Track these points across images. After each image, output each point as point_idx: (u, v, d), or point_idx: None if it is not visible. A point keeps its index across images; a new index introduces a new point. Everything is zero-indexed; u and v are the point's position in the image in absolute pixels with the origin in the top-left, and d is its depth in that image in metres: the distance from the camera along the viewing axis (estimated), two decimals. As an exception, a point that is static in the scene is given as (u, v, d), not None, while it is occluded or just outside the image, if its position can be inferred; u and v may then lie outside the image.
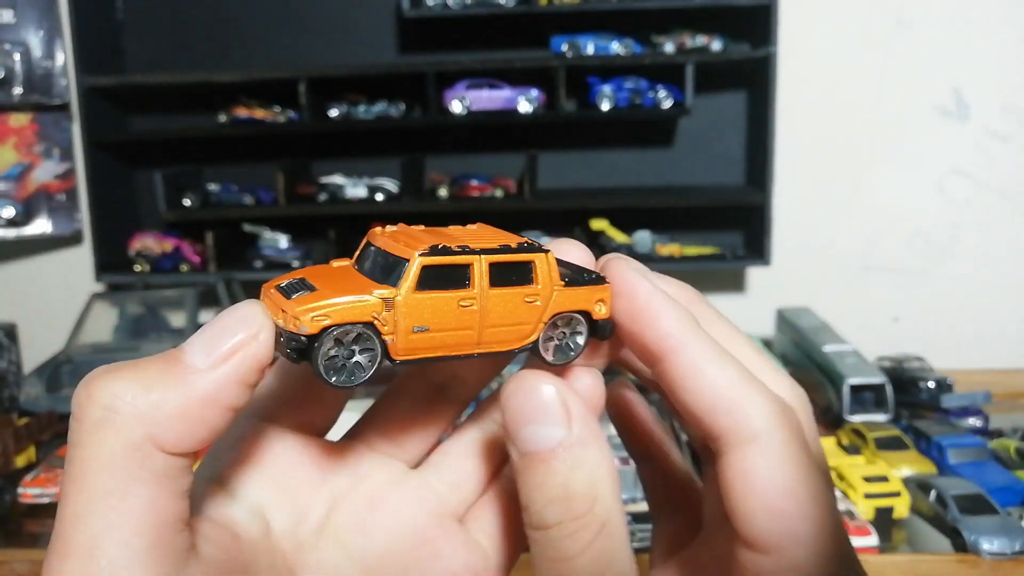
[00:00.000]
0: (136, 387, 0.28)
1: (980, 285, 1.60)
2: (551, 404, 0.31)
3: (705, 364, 0.32)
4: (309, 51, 1.60)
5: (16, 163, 1.59)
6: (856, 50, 1.55)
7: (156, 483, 0.28)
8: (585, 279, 0.35)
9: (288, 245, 1.61)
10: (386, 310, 0.32)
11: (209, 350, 0.29)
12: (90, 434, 0.28)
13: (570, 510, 0.30)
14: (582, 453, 0.31)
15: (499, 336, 0.34)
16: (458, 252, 0.33)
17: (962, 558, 0.87)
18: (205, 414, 0.29)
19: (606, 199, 1.54)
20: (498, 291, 0.33)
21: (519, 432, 0.32)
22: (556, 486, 0.31)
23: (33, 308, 1.64)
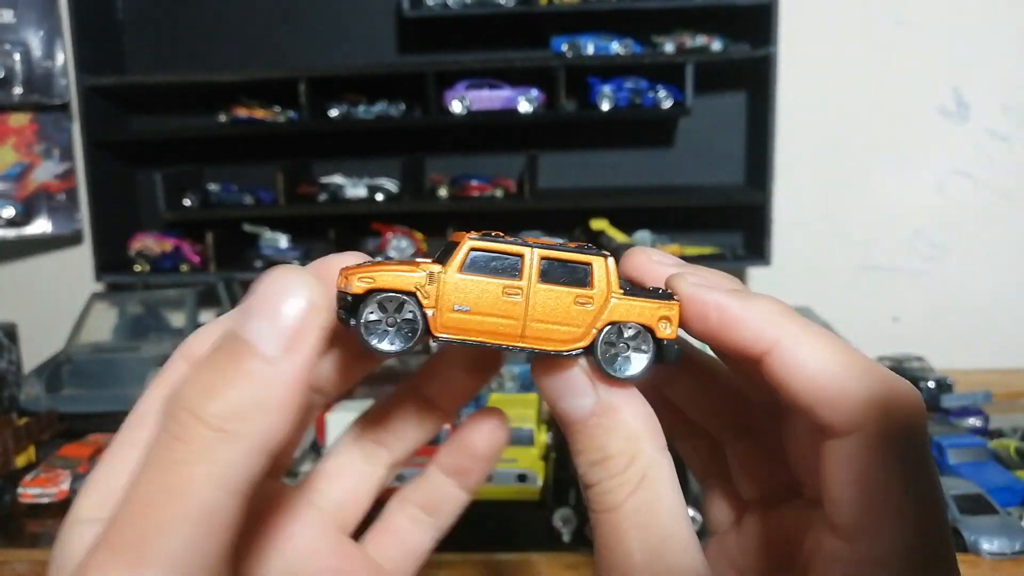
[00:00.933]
0: (248, 407, 0.28)
1: (980, 285, 1.60)
2: (577, 376, 0.34)
3: (803, 356, 0.32)
4: (309, 51, 1.60)
5: (16, 163, 1.59)
6: (856, 50, 1.55)
7: (248, 492, 0.28)
8: (650, 293, 0.35)
9: (288, 245, 1.61)
10: (430, 283, 0.33)
11: (278, 334, 0.28)
12: (203, 452, 0.27)
13: (607, 469, 0.32)
14: (615, 416, 0.33)
15: (545, 333, 0.34)
16: (511, 242, 0.34)
17: (962, 558, 0.87)
18: (294, 402, 0.29)
19: (606, 199, 1.54)
20: (547, 287, 0.34)
21: (556, 407, 0.34)
22: (594, 450, 0.33)
23: (33, 308, 1.64)
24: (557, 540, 0.92)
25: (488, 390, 1.25)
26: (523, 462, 1.01)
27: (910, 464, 0.30)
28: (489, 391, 1.25)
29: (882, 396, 0.31)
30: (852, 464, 0.31)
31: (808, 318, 0.33)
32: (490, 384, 1.26)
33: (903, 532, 0.30)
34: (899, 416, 0.31)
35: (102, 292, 1.54)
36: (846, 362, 0.31)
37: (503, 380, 1.27)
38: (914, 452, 0.31)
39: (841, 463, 0.31)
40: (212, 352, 0.29)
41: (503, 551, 0.90)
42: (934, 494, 0.31)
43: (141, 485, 0.27)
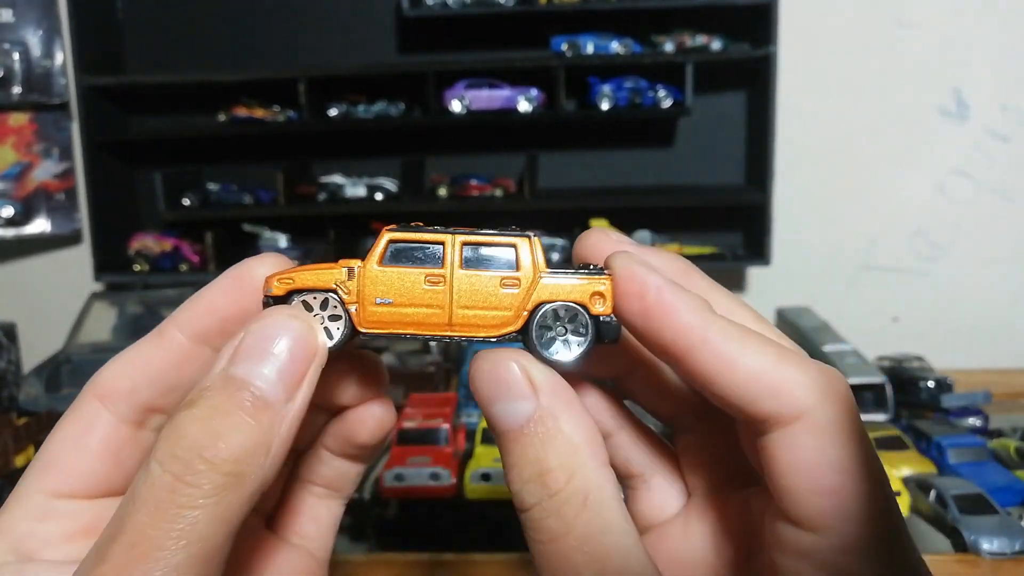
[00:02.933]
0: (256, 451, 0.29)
1: (980, 285, 1.60)
2: (515, 378, 0.31)
3: (734, 352, 0.30)
4: (309, 51, 1.60)
5: (15, 162, 1.59)
6: (856, 50, 1.55)
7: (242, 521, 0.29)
8: (579, 270, 0.34)
9: (288, 245, 1.61)
10: (349, 279, 0.33)
11: (286, 384, 0.30)
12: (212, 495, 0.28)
13: (546, 487, 0.29)
14: (554, 425, 0.30)
15: (474, 320, 0.34)
16: (429, 230, 0.33)
17: (962, 558, 0.87)
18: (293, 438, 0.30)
19: (606, 199, 1.54)
20: (471, 272, 0.33)
21: (490, 411, 0.31)
22: (530, 463, 0.30)
23: (32, 308, 1.64)
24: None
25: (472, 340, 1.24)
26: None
27: (858, 444, 0.30)
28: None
29: (818, 381, 0.30)
30: (802, 452, 0.29)
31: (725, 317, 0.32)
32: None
33: (870, 513, 0.29)
34: (837, 398, 0.30)
35: (101, 292, 1.54)
36: (777, 353, 0.30)
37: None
38: (857, 432, 0.30)
39: (791, 453, 0.29)
40: (214, 394, 0.29)
41: (503, 551, 0.90)
42: (882, 472, 0.30)
43: (142, 526, 0.27)
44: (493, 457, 1.03)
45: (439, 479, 0.99)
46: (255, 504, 0.30)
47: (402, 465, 1.00)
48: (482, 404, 0.32)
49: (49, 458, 0.34)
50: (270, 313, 0.31)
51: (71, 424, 0.34)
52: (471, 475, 0.99)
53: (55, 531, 0.33)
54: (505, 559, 0.89)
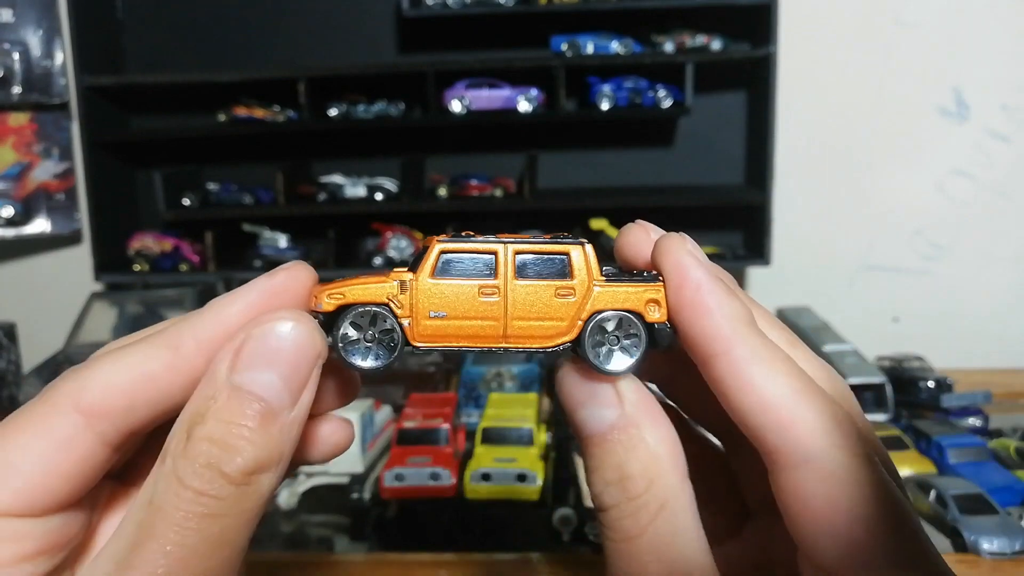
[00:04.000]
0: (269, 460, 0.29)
1: (980, 285, 1.60)
2: (602, 386, 0.31)
3: (753, 374, 0.29)
4: (309, 51, 1.60)
5: (15, 163, 1.59)
6: (856, 50, 1.55)
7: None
8: (634, 276, 0.33)
9: (288, 245, 1.61)
10: (402, 293, 0.32)
11: (291, 390, 0.29)
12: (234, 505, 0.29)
13: (626, 491, 0.30)
14: (637, 434, 0.30)
15: (529, 331, 0.33)
16: (481, 240, 0.32)
17: (962, 558, 0.87)
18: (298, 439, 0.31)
19: (606, 199, 1.54)
20: (525, 283, 0.32)
21: (574, 416, 0.32)
22: (612, 468, 0.30)
23: (33, 308, 1.64)
24: (557, 540, 0.92)
25: (488, 390, 1.25)
26: (523, 462, 1.01)
27: (874, 489, 0.29)
28: (489, 391, 1.25)
29: (831, 426, 0.29)
30: (812, 499, 0.29)
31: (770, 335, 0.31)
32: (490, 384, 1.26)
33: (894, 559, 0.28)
34: (854, 446, 0.29)
35: (101, 292, 1.54)
36: (800, 387, 0.29)
37: (502, 380, 1.27)
38: (874, 477, 0.29)
39: (800, 497, 0.29)
40: (222, 407, 0.29)
41: (503, 551, 0.90)
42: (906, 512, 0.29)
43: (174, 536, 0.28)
44: (493, 457, 1.03)
45: (439, 479, 0.99)
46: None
47: (402, 465, 1.00)
48: (567, 408, 0.32)
49: (5, 474, 0.30)
50: (271, 316, 0.30)
51: (39, 438, 0.30)
52: (471, 475, 0.99)
53: (8, 553, 0.30)
54: (505, 559, 0.89)
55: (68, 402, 0.30)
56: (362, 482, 1.01)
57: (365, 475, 1.03)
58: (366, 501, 1.00)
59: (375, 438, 1.10)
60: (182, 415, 0.30)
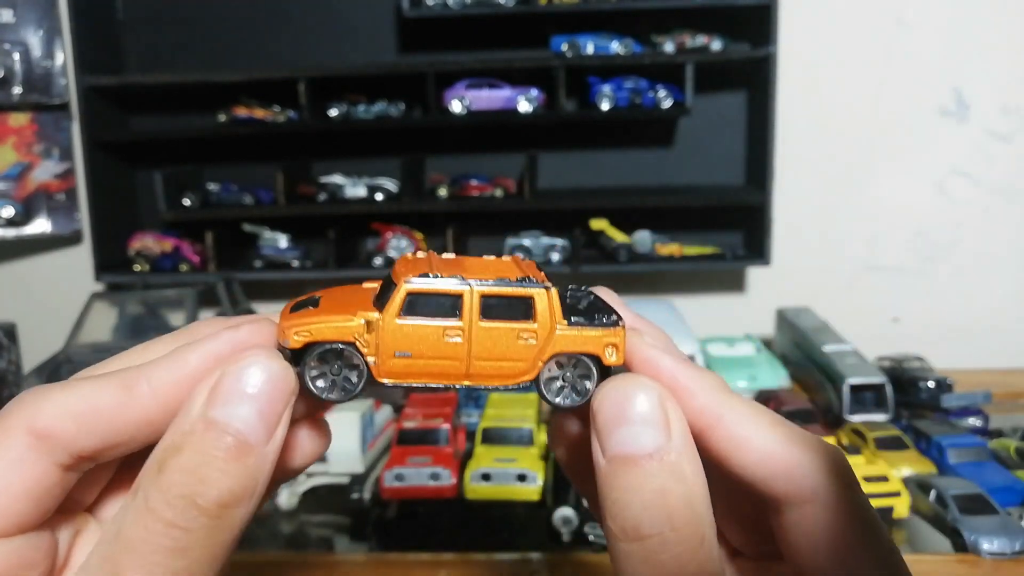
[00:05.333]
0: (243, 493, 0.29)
1: (980, 285, 1.60)
2: (653, 408, 0.31)
3: (748, 433, 0.32)
4: (309, 51, 1.60)
5: (16, 163, 1.59)
6: (856, 50, 1.55)
7: None
8: (595, 321, 0.34)
9: (288, 245, 1.61)
10: (368, 332, 0.32)
11: (266, 424, 0.30)
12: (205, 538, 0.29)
13: (671, 520, 0.29)
14: (681, 464, 0.30)
15: (490, 370, 0.34)
16: (448, 281, 0.33)
17: (962, 558, 0.87)
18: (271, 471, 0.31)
19: (606, 199, 1.54)
20: (489, 324, 0.33)
21: (614, 432, 0.31)
22: (653, 492, 0.29)
23: (33, 308, 1.64)
24: (557, 540, 0.92)
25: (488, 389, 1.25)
26: (523, 462, 1.01)
27: (865, 512, 0.32)
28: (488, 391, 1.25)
29: (823, 461, 0.32)
30: (818, 531, 0.31)
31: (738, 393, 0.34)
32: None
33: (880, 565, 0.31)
34: (841, 475, 0.32)
35: (102, 292, 1.54)
36: (786, 434, 0.32)
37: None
38: (865, 507, 0.32)
39: (806, 531, 0.31)
40: (197, 439, 0.29)
41: (503, 551, 0.90)
42: (891, 541, 0.33)
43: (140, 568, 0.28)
44: (493, 457, 1.03)
45: (439, 479, 0.99)
46: None
47: (402, 465, 1.00)
48: (607, 423, 0.31)
49: None
50: (246, 354, 0.31)
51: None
52: (471, 475, 0.99)
53: None
54: (505, 559, 0.89)
55: (21, 424, 0.31)
56: (362, 482, 1.01)
57: (365, 475, 1.03)
58: (366, 501, 1.00)
59: (375, 438, 1.10)
60: (156, 449, 0.30)
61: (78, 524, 0.35)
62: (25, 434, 0.30)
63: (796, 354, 1.39)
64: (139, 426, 0.31)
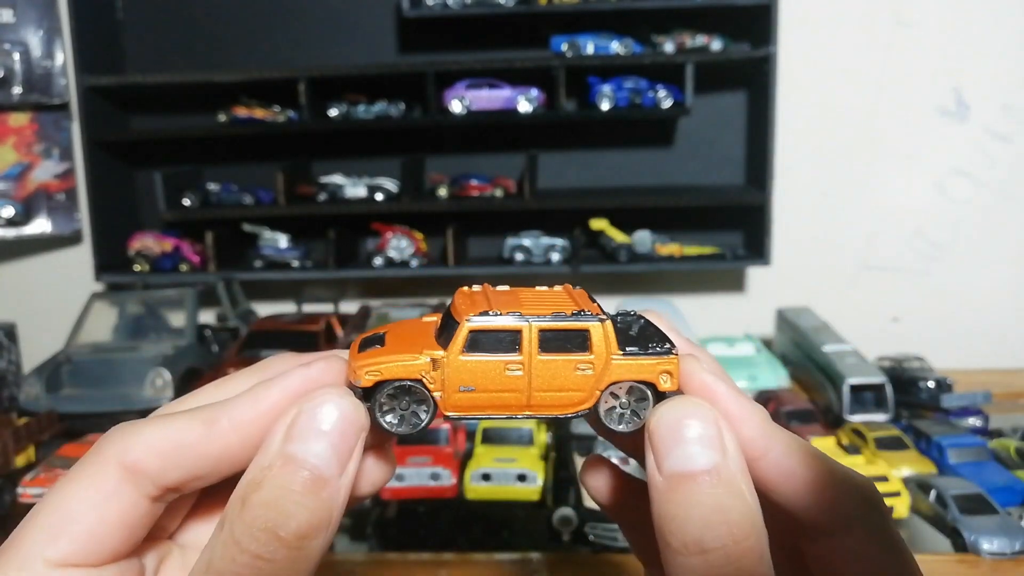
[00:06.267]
0: (320, 524, 0.31)
1: (980, 285, 1.60)
2: (708, 428, 0.32)
3: (793, 465, 0.34)
4: (309, 51, 1.60)
5: (16, 163, 1.59)
6: (856, 50, 1.55)
7: None
8: (649, 350, 0.35)
9: (288, 245, 1.61)
10: (434, 369, 0.34)
11: (339, 458, 0.32)
12: (288, 567, 0.30)
13: (732, 534, 0.30)
14: (738, 481, 0.31)
15: (549, 401, 0.35)
16: (507, 318, 0.34)
17: (962, 558, 0.87)
18: (345, 503, 0.33)
19: (606, 199, 1.54)
20: (548, 358, 0.35)
21: (672, 450, 0.32)
22: (714, 507, 0.31)
23: (33, 308, 1.64)
24: (557, 540, 0.92)
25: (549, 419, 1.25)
26: (523, 462, 1.01)
27: (899, 542, 0.34)
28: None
29: (862, 493, 0.34)
30: (859, 560, 0.33)
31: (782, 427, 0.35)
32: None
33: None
34: (876, 506, 0.34)
35: (102, 292, 1.54)
36: (828, 468, 0.34)
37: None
38: (896, 532, 0.34)
39: (848, 559, 0.33)
40: (277, 474, 0.31)
41: (503, 551, 0.90)
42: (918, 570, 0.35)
43: None
44: (493, 457, 1.03)
45: (439, 479, 0.99)
46: None
47: (402, 465, 1.00)
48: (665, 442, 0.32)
49: (58, 523, 0.32)
50: (320, 393, 0.33)
51: (87, 490, 0.32)
52: (471, 475, 0.99)
53: None
54: (505, 559, 0.89)
55: (114, 458, 0.33)
56: (362, 482, 1.01)
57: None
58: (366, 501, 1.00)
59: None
60: (239, 485, 0.32)
61: (162, 551, 0.37)
62: (117, 468, 0.33)
63: (796, 354, 1.39)
64: (221, 460, 0.34)
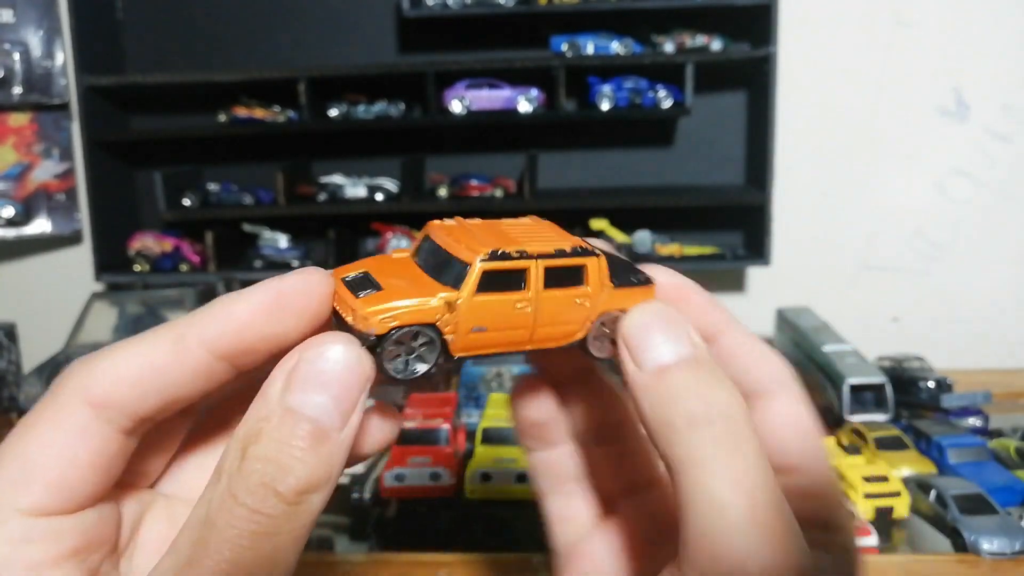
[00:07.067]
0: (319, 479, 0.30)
1: (980, 285, 1.60)
2: (681, 324, 0.34)
3: (748, 342, 0.37)
4: (309, 51, 1.60)
5: (16, 163, 1.59)
6: (856, 50, 1.55)
7: None
8: (632, 281, 0.37)
9: (288, 245, 1.61)
10: (448, 312, 0.33)
11: (341, 411, 0.30)
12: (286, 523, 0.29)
13: (729, 402, 0.32)
14: (716, 373, 0.33)
15: (549, 334, 0.36)
16: (517, 257, 0.35)
17: (962, 558, 0.87)
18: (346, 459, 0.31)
19: (606, 199, 1.54)
20: (551, 293, 0.35)
21: (647, 345, 0.33)
22: (709, 383, 0.32)
23: (33, 308, 1.64)
24: (557, 540, 0.92)
25: (488, 390, 1.25)
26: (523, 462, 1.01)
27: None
28: (489, 391, 1.25)
29: (784, 364, 0.39)
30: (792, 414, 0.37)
31: None
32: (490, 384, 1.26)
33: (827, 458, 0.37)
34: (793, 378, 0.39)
35: (102, 292, 1.54)
36: (762, 343, 0.39)
37: (503, 380, 1.27)
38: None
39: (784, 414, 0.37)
40: (276, 427, 0.29)
41: (503, 551, 0.90)
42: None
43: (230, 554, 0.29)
44: (493, 457, 1.03)
45: (439, 479, 0.99)
46: None
47: (402, 465, 1.00)
48: (639, 339, 0.34)
49: (26, 471, 0.30)
50: (322, 339, 0.31)
51: (53, 432, 0.31)
52: (471, 475, 0.99)
53: (40, 554, 0.30)
54: (505, 559, 0.89)
55: (77, 396, 0.31)
56: (362, 482, 1.01)
57: (365, 475, 1.03)
58: (366, 501, 1.00)
59: (375, 438, 1.10)
60: (235, 434, 0.30)
61: (144, 500, 0.36)
62: (82, 405, 0.31)
63: (796, 354, 1.39)
64: (195, 379, 0.32)
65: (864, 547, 0.89)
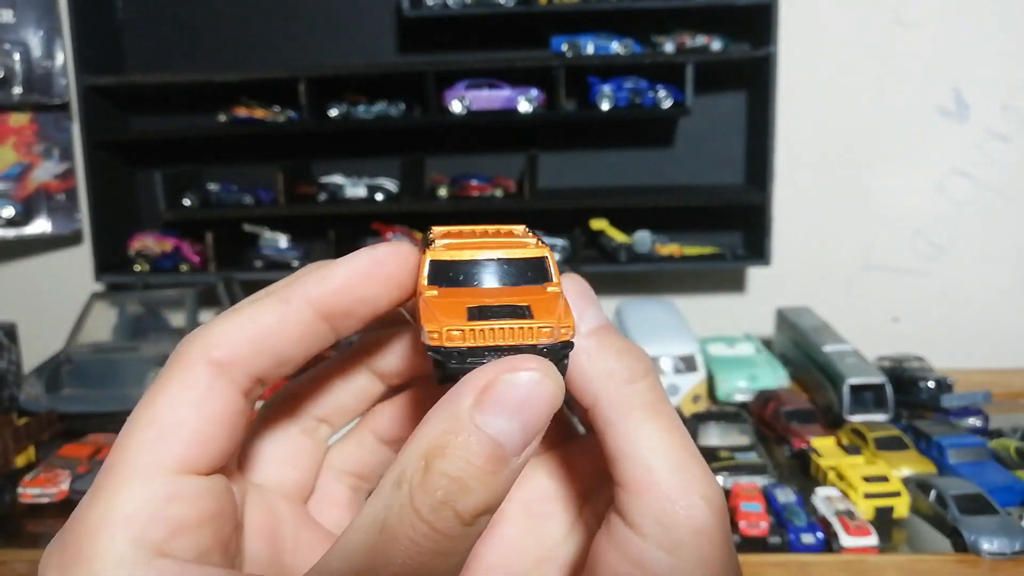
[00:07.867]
0: (494, 505, 0.29)
1: (980, 285, 1.60)
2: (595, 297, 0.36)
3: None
4: (309, 51, 1.60)
5: (16, 163, 1.59)
6: (856, 50, 1.55)
7: None
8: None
9: (288, 245, 1.61)
10: None
11: (525, 439, 0.30)
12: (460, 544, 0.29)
13: (646, 360, 0.34)
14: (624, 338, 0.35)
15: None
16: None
17: (962, 558, 0.87)
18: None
19: (606, 199, 1.54)
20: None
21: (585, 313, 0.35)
22: (628, 344, 0.34)
23: (33, 308, 1.64)
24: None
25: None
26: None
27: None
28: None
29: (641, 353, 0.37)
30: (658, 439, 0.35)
31: None
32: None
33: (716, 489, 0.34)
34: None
35: (102, 292, 1.54)
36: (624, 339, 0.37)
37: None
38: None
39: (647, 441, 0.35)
40: (464, 445, 0.29)
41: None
42: None
43: (410, 567, 0.28)
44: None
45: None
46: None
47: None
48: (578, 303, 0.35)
49: (163, 430, 0.30)
50: (523, 365, 0.30)
51: (183, 390, 0.31)
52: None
53: (183, 516, 0.30)
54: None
55: (201, 357, 0.31)
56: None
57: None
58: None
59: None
60: (417, 442, 0.29)
61: (241, 486, 0.36)
62: (206, 366, 0.31)
63: (796, 354, 1.39)
64: (301, 338, 0.33)
65: (864, 547, 0.89)
